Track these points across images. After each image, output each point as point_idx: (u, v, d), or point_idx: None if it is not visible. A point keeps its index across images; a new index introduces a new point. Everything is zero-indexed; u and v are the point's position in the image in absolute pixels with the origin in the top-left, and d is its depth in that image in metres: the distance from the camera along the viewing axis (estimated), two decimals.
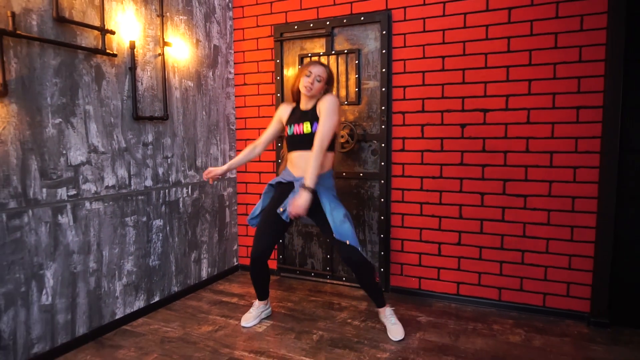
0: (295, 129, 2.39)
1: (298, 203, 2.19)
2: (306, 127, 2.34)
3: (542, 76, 2.58)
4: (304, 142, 2.35)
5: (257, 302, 2.66)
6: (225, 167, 2.57)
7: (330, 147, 2.35)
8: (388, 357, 2.20)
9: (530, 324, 2.58)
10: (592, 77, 2.48)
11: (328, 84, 2.43)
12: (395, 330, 2.40)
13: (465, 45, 2.75)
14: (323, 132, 2.26)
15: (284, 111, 2.53)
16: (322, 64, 2.39)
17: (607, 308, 2.52)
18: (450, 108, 2.81)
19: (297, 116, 2.42)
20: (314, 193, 2.25)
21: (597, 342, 2.35)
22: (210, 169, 2.54)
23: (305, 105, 2.44)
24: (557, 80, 2.56)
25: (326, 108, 2.28)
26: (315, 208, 2.30)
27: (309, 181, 2.21)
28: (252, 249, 2.42)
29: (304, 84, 2.34)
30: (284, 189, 2.43)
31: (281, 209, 2.34)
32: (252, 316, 2.61)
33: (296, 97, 2.49)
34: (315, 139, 2.26)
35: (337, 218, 2.27)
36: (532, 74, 2.60)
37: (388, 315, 2.46)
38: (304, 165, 2.32)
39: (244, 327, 2.56)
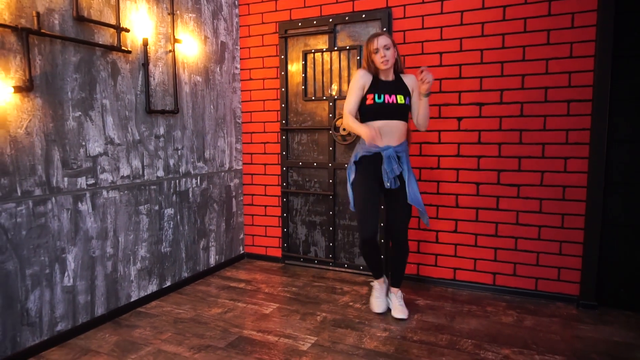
0: (387, 98, 2.42)
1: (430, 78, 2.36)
2: (400, 99, 2.43)
3: (535, 71, 2.71)
4: (395, 112, 2.43)
5: (376, 284, 2.71)
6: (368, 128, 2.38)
7: (407, 117, 2.51)
8: (388, 335, 2.35)
9: (522, 306, 2.72)
10: (582, 72, 2.61)
11: (395, 45, 2.46)
12: (400, 310, 2.55)
13: (462, 41, 2.88)
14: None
15: (365, 79, 2.48)
16: (380, 33, 2.43)
17: (595, 291, 2.66)
18: (448, 102, 2.94)
19: (385, 87, 2.45)
20: (398, 158, 2.45)
21: (584, 322, 2.50)
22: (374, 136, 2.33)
23: (385, 76, 2.49)
24: (549, 75, 2.69)
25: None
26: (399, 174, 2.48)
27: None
28: (361, 232, 2.46)
29: (379, 60, 2.40)
30: (373, 163, 2.48)
31: (388, 184, 2.44)
32: (382, 301, 2.67)
33: (375, 72, 2.49)
34: (421, 118, 2.50)
35: (413, 186, 2.45)
36: (526, 69, 2.73)
37: (399, 297, 2.61)
38: (389, 135, 2.44)
39: (377, 313, 2.62)
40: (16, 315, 2.05)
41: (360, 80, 2.48)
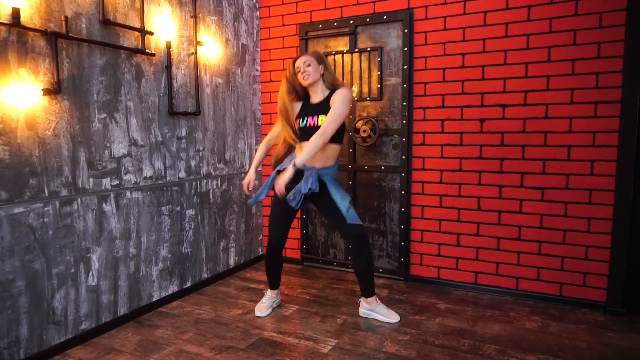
0: (309, 121, 2.42)
1: (280, 180, 2.31)
2: (321, 120, 2.37)
3: (561, 72, 2.66)
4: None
5: (269, 292, 2.73)
6: (252, 171, 2.64)
7: (338, 139, 2.43)
8: (409, 339, 2.33)
9: (546, 311, 2.67)
10: (610, 73, 2.55)
11: (321, 62, 2.44)
12: (393, 314, 2.56)
13: (485, 42, 2.84)
14: (330, 119, 2.28)
15: (295, 107, 2.53)
16: (303, 54, 2.47)
17: (623, 297, 2.59)
18: (470, 103, 2.90)
19: (310, 109, 2.46)
20: (321, 183, 2.40)
21: (612, 330, 2.43)
22: (246, 182, 2.64)
23: (316, 98, 2.48)
24: (576, 76, 2.63)
25: (338, 99, 2.32)
26: (321, 197, 2.43)
27: (299, 160, 2.27)
28: (268, 239, 2.57)
29: (300, 78, 2.42)
30: (294, 178, 2.39)
31: (291, 197, 2.37)
32: (266, 306, 2.68)
33: (304, 94, 2.52)
34: (322, 125, 2.30)
35: (344, 206, 2.38)
36: (551, 70, 2.68)
37: (380, 303, 2.60)
38: (313, 156, 2.39)
39: (258, 316, 2.63)
40: (43, 314, 2.09)
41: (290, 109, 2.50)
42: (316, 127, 2.37)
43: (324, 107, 2.41)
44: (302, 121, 2.45)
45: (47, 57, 2.05)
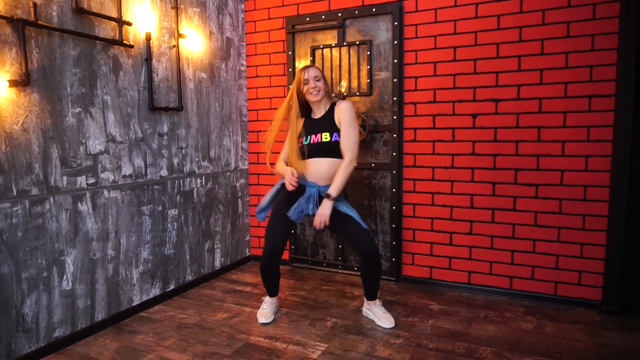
0: (312, 138, 2.38)
1: (323, 213, 2.29)
2: (325, 137, 2.35)
3: (554, 65, 2.59)
4: (320, 150, 2.37)
5: (268, 299, 2.59)
6: (288, 170, 2.40)
7: (340, 154, 2.37)
8: (402, 342, 2.24)
9: (541, 311, 2.60)
10: (604, 66, 2.49)
11: (324, 78, 2.42)
12: (387, 318, 2.44)
13: (476, 35, 2.76)
14: (351, 144, 2.32)
15: (298, 125, 2.47)
16: (309, 66, 2.40)
17: (619, 296, 2.53)
18: (462, 98, 2.83)
19: (312, 127, 2.41)
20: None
21: (608, 329, 2.37)
22: (290, 175, 2.36)
23: (316, 112, 2.44)
24: (569, 70, 2.56)
25: (346, 118, 2.32)
26: (334, 213, 2.36)
27: (335, 192, 2.31)
28: (264, 248, 2.42)
29: (309, 91, 2.35)
30: (296, 191, 2.38)
31: (291, 213, 2.33)
32: (269, 312, 2.53)
33: (305, 110, 2.46)
34: (345, 153, 2.32)
35: (358, 216, 2.38)
36: (544, 64, 2.61)
37: (378, 305, 2.50)
38: (316, 171, 2.38)
39: (264, 323, 2.48)
40: (11, 321, 1.95)
41: (294, 126, 2.43)
42: (318, 144, 2.36)
43: (326, 124, 2.38)
44: (306, 139, 2.40)
45: (14, 46, 1.91)
